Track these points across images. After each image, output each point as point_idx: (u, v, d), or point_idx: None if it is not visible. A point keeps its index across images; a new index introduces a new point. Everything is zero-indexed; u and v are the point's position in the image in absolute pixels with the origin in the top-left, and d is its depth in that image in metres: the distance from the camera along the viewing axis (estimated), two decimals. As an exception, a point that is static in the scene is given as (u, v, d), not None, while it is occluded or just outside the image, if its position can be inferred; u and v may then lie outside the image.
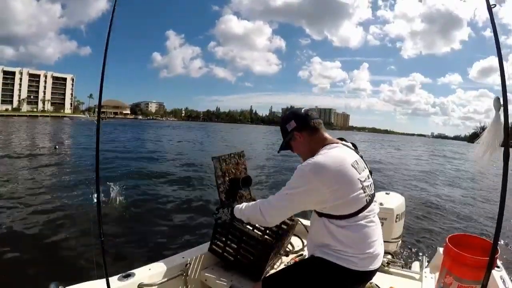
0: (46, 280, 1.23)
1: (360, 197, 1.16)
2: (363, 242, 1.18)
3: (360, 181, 1.17)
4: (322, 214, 1.21)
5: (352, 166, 1.17)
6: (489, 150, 1.12)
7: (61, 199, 6.35)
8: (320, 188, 1.12)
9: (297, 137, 1.30)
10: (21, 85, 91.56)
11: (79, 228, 4.39)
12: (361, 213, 1.17)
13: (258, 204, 1.30)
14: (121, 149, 14.86)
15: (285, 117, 1.35)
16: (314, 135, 1.29)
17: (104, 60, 1.27)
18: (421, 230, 4.80)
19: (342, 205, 1.15)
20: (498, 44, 1.03)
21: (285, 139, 1.33)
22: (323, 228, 1.21)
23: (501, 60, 1.01)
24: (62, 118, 59.02)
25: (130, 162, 11.40)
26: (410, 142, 54.43)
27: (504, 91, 1.03)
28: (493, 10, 1.04)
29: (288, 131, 1.31)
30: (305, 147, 1.30)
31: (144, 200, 6.52)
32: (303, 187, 1.15)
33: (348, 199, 1.14)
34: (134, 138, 24.64)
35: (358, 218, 1.17)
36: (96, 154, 1.31)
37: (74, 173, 8.98)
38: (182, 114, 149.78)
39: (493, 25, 1.02)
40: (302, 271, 1.28)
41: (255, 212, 1.29)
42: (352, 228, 1.16)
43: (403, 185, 9.59)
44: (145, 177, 9.08)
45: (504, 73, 1.01)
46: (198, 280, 1.77)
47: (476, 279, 1.44)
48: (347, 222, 1.16)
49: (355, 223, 1.17)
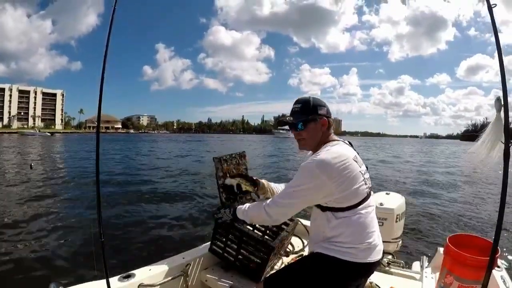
0: (46, 280, 1.23)
1: (362, 189, 1.22)
2: (362, 232, 1.22)
3: (361, 174, 1.23)
4: (326, 208, 1.24)
5: (354, 160, 1.22)
6: (491, 150, 1.12)
7: (60, 201, 6.35)
8: (326, 183, 1.16)
9: (322, 123, 1.31)
10: (11, 102, 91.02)
11: (79, 229, 4.39)
12: (361, 204, 1.22)
13: (263, 204, 1.29)
14: (119, 156, 14.86)
15: (317, 100, 1.34)
16: (329, 130, 1.34)
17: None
18: (421, 230, 4.81)
19: (346, 197, 1.19)
20: (498, 43, 1.03)
21: (308, 116, 1.30)
22: (325, 222, 1.24)
23: (501, 60, 1.01)
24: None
25: (129, 165, 11.41)
26: (403, 144, 54.08)
27: (505, 91, 1.03)
28: (493, 9, 1.03)
29: (317, 112, 1.30)
30: (318, 136, 1.32)
31: (144, 201, 6.52)
32: (311, 183, 1.18)
33: (351, 190, 1.19)
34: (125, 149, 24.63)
35: (358, 209, 1.22)
36: (96, 154, 1.31)
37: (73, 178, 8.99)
38: (174, 126, 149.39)
39: (493, 25, 1.02)
40: (303, 268, 1.29)
41: (260, 212, 1.29)
42: (352, 218, 1.21)
43: (403, 185, 9.59)
44: (145, 177, 9.08)
45: (504, 73, 1.01)
46: (199, 280, 1.76)
47: (476, 279, 1.44)
48: (349, 213, 1.21)
49: (356, 213, 1.21)
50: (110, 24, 1.28)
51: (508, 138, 1.03)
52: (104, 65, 1.27)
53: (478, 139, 1.17)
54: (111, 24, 1.28)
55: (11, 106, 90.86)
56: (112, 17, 1.28)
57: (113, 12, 1.28)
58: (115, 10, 1.28)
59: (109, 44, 1.27)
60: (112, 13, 1.28)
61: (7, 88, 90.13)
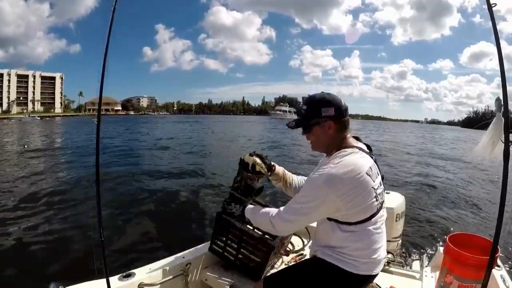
0: (46, 280, 1.23)
1: (373, 205, 1.15)
2: (369, 248, 1.18)
3: (374, 189, 1.14)
4: (331, 218, 1.19)
5: (367, 174, 1.12)
6: (493, 150, 1.12)
7: (60, 199, 6.35)
8: (334, 200, 1.09)
9: (328, 127, 1.19)
10: (10, 87, 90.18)
11: (79, 229, 4.39)
12: (371, 219, 1.16)
13: (269, 216, 1.24)
14: (117, 147, 14.78)
15: (322, 99, 1.20)
16: (340, 133, 1.21)
17: (105, 58, 1.26)
18: (421, 229, 4.80)
19: (354, 213, 1.13)
20: (498, 43, 1.03)
21: (312, 120, 1.20)
22: (329, 231, 1.20)
23: (501, 60, 1.01)
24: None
25: (128, 161, 11.40)
26: (404, 129, 54.05)
27: (505, 91, 1.03)
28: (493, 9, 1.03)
29: (321, 114, 1.18)
30: (326, 140, 1.22)
31: (144, 200, 6.51)
32: (317, 200, 1.11)
33: (361, 208, 1.13)
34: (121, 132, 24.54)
35: (367, 224, 1.16)
36: (96, 153, 1.31)
37: (72, 171, 8.97)
38: (174, 107, 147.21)
39: (493, 25, 1.01)
40: (303, 272, 1.28)
41: (266, 221, 1.25)
42: (360, 233, 1.16)
43: (403, 186, 9.59)
44: (145, 176, 9.08)
45: (504, 73, 1.01)
46: (199, 279, 1.77)
47: (476, 278, 1.44)
48: (356, 227, 1.15)
49: (364, 229, 1.16)
50: (110, 25, 1.28)
51: (508, 138, 1.03)
52: (104, 63, 1.27)
53: (481, 140, 1.17)
54: (111, 25, 1.28)
55: (10, 91, 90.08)
56: (112, 16, 1.28)
57: (113, 11, 1.28)
58: (115, 9, 1.28)
59: (109, 44, 1.27)
60: (112, 13, 1.28)
61: (6, 73, 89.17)
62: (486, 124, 1.15)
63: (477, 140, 1.21)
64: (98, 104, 1.31)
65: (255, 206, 1.41)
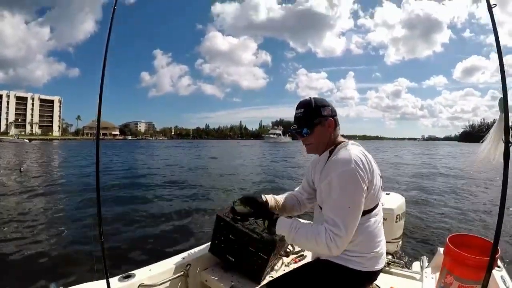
0: (46, 280, 1.23)
1: (379, 194, 1.19)
2: (371, 242, 1.19)
3: (379, 176, 1.20)
4: None
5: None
6: (496, 150, 1.11)
7: (61, 201, 6.35)
8: (365, 180, 1.10)
9: (328, 124, 1.23)
10: (9, 108, 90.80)
11: (79, 229, 4.39)
12: (373, 210, 1.19)
13: (325, 237, 1.08)
14: (119, 164, 14.71)
15: (318, 100, 1.24)
16: (336, 129, 1.27)
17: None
18: (421, 230, 4.80)
19: (369, 199, 1.14)
20: (498, 43, 1.02)
21: (314, 120, 1.22)
22: None
23: (501, 60, 1.01)
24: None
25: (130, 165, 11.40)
26: (401, 148, 54.02)
27: (505, 91, 1.02)
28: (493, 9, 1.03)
29: (322, 114, 1.22)
30: (326, 137, 1.25)
31: (144, 201, 6.52)
32: (359, 184, 1.09)
33: (372, 193, 1.15)
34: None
35: (371, 215, 1.18)
36: (96, 153, 1.31)
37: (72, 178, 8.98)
38: (171, 132, 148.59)
39: (493, 25, 1.01)
40: (308, 275, 1.26)
41: (320, 246, 1.10)
42: (362, 226, 1.16)
43: (402, 185, 9.58)
44: (145, 177, 9.07)
45: (504, 73, 1.00)
46: (199, 280, 1.76)
47: (476, 279, 1.44)
48: (361, 219, 1.14)
49: (367, 220, 1.17)
50: (110, 25, 1.28)
51: (508, 138, 1.03)
52: (103, 71, 1.27)
53: (484, 139, 1.17)
54: (111, 25, 1.28)
55: (8, 112, 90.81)
56: (112, 16, 1.28)
57: (113, 12, 1.28)
58: (115, 10, 1.28)
59: (108, 48, 1.27)
60: (112, 13, 1.28)
61: (5, 94, 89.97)
62: (482, 136, 1.16)
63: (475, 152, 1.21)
64: (98, 104, 1.31)
65: (301, 221, 1.26)
